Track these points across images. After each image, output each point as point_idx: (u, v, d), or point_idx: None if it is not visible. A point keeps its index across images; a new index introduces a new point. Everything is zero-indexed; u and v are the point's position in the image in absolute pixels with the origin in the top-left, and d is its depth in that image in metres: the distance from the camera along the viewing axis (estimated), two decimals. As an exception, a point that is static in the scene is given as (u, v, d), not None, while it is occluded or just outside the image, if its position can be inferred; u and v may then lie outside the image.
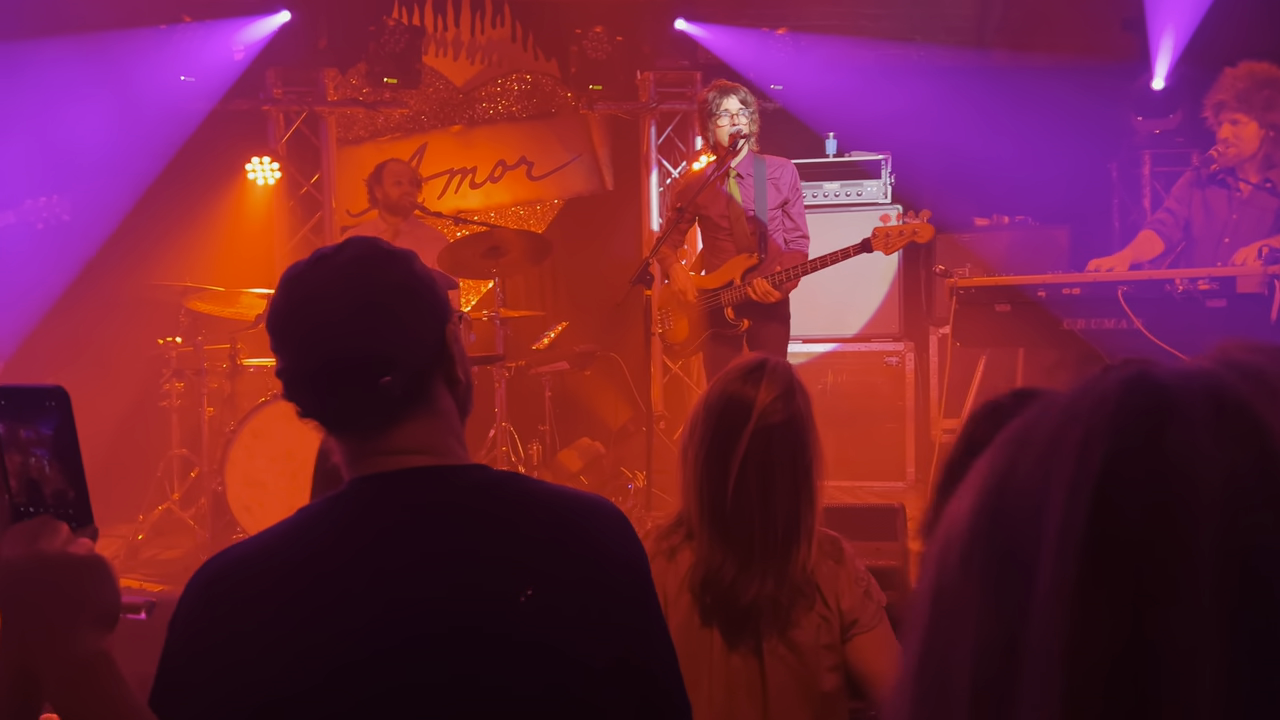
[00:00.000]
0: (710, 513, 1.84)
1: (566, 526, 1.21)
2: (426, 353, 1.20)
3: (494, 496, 1.21)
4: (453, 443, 1.23)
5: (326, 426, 1.22)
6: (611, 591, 1.20)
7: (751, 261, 4.28)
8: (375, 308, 1.17)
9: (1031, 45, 6.70)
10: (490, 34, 6.39)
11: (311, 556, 1.13)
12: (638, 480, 4.92)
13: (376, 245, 1.23)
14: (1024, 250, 5.89)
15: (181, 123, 5.55)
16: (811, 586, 1.84)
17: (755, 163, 4.35)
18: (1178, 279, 3.85)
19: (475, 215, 6.20)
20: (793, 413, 1.85)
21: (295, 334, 1.18)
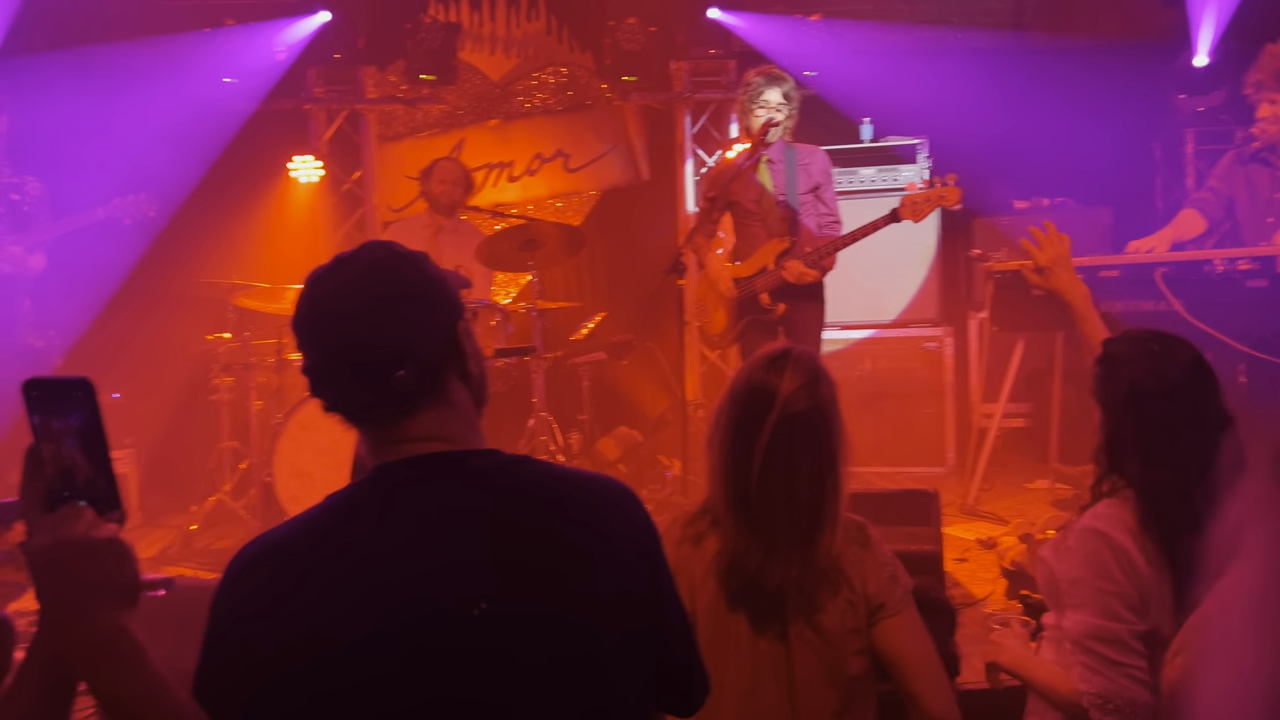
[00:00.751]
0: (735, 500, 1.87)
1: (575, 502, 1.28)
2: (438, 347, 1.28)
3: (506, 476, 1.28)
4: (466, 431, 1.31)
5: (349, 419, 1.29)
6: (620, 562, 1.26)
7: (783, 245, 4.28)
8: (389, 307, 1.25)
9: (1071, 25, 6.60)
10: (525, 28, 6.45)
11: (338, 533, 1.21)
12: (674, 468, 4.96)
13: (390, 249, 1.31)
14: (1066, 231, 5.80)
15: (226, 123, 5.69)
16: (837, 572, 1.87)
17: (786, 149, 4.36)
18: (1217, 259, 3.80)
19: (513, 209, 6.28)
20: (817, 401, 1.87)
21: (316, 333, 1.26)
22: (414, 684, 1.15)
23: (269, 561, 1.21)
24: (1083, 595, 1.91)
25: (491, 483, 1.27)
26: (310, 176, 6.03)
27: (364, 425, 1.29)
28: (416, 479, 1.25)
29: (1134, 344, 2.00)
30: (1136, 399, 1.92)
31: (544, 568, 1.22)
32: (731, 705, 1.87)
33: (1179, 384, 1.91)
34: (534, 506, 1.26)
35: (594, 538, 1.26)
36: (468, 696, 1.16)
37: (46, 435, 1.05)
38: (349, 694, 1.14)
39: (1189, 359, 1.94)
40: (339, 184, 6.30)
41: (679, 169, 6.38)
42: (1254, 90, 3.98)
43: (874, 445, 5.41)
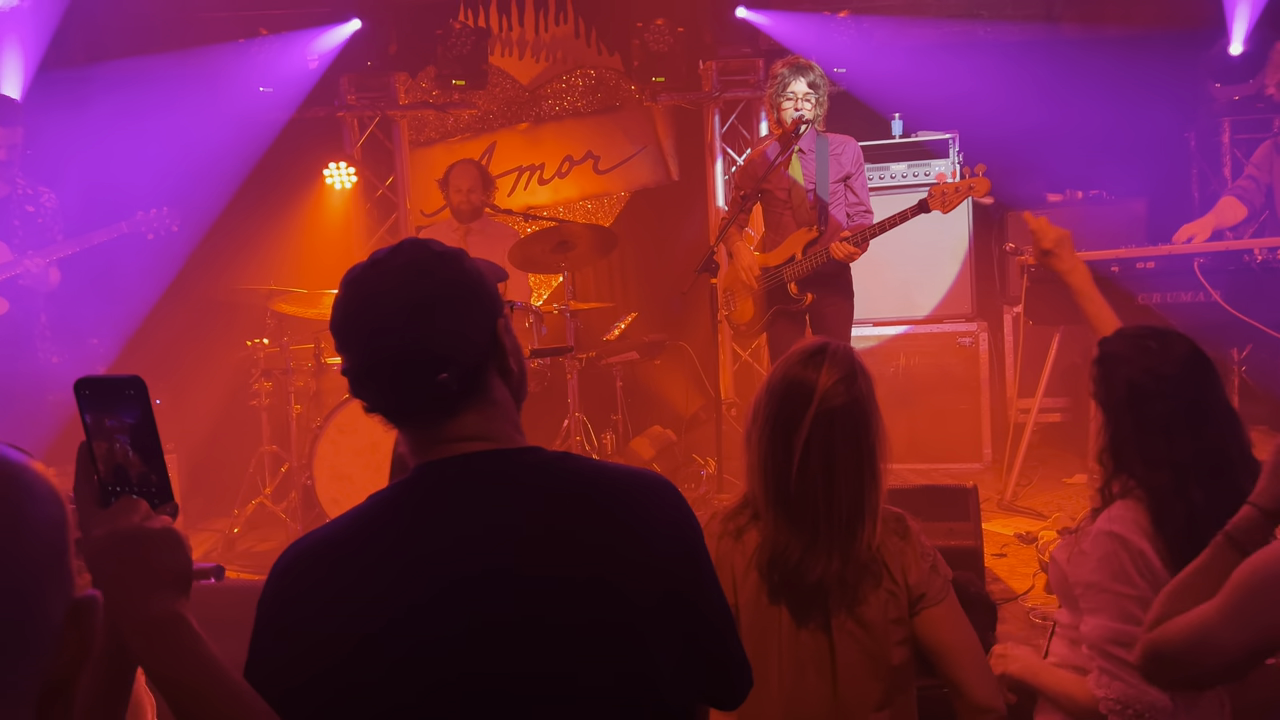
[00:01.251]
0: (775, 494, 1.89)
1: (617, 492, 1.28)
2: (480, 347, 1.27)
3: (549, 472, 1.28)
4: (509, 429, 1.31)
5: (390, 420, 1.29)
6: (659, 546, 1.26)
7: (812, 235, 4.28)
8: (429, 308, 1.24)
9: (1103, 16, 6.54)
10: (554, 31, 6.49)
11: (383, 531, 1.22)
12: (709, 466, 4.98)
13: (428, 247, 1.30)
14: (1100, 224, 5.78)
15: (262, 132, 5.78)
16: (878, 564, 1.87)
17: (818, 139, 4.36)
18: (1256, 248, 3.77)
19: (544, 211, 6.32)
20: (855, 395, 1.88)
21: (356, 335, 1.26)
22: (453, 663, 1.17)
23: (315, 558, 1.22)
24: (1100, 600, 1.89)
25: (534, 479, 1.27)
26: (344, 183, 6.10)
27: (406, 426, 1.29)
28: (460, 477, 1.25)
29: (1130, 343, 1.99)
30: (1135, 399, 1.92)
31: (584, 549, 1.22)
32: (775, 697, 1.89)
33: (1176, 381, 1.90)
34: (577, 499, 1.26)
35: (636, 523, 1.26)
36: (507, 671, 1.17)
37: (99, 433, 1.07)
38: (396, 673, 1.15)
39: (1185, 354, 1.93)
40: (373, 190, 6.37)
41: (709, 168, 6.39)
42: (1277, 87, 3.95)
43: (909, 442, 5.39)
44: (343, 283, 1.29)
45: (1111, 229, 5.72)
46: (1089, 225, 5.80)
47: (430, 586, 1.17)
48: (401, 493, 1.26)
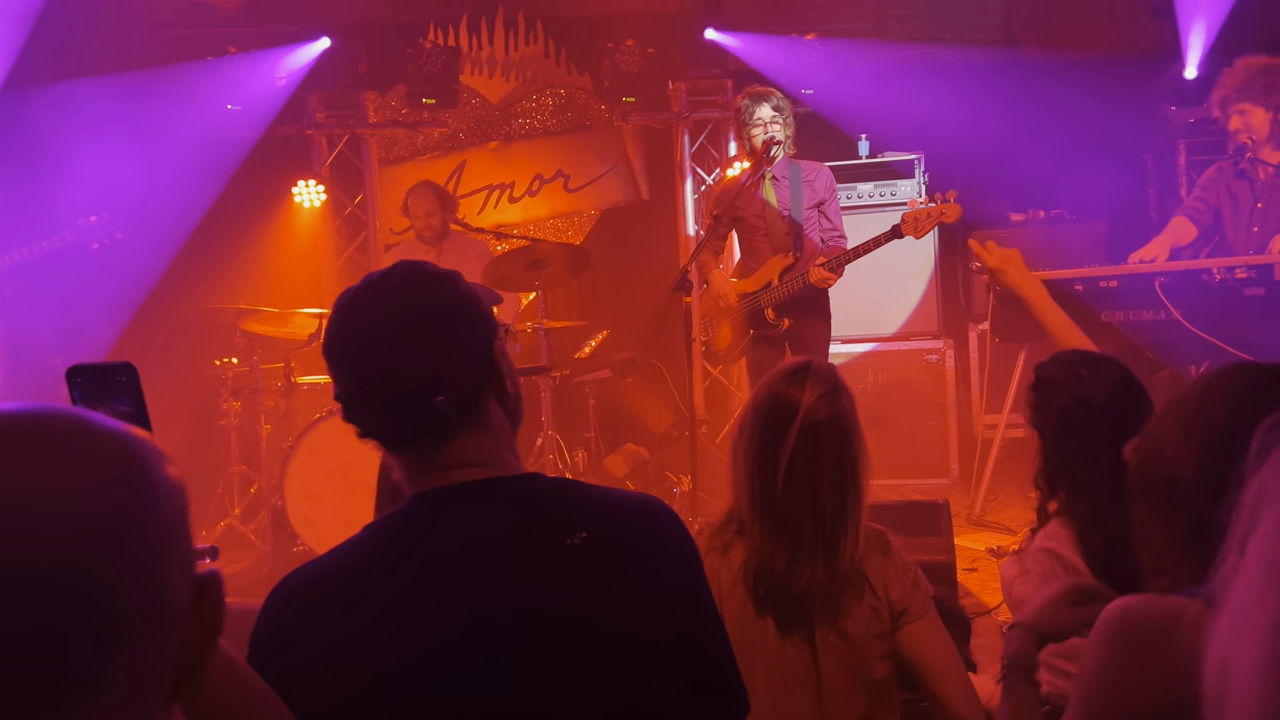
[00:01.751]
0: (761, 506, 1.92)
1: (621, 526, 1.26)
2: (476, 370, 1.25)
3: (549, 501, 1.26)
4: (506, 454, 1.28)
5: (385, 445, 1.26)
6: (663, 580, 1.24)
7: (788, 261, 4.37)
8: (424, 330, 1.22)
9: (1061, 39, 6.71)
10: (524, 51, 6.53)
11: (380, 563, 1.19)
12: (683, 484, 5.00)
13: (422, 269, 1.28)
14: (1061, 244, 5.91)
15: (231, 150, 5.75)
16: (859, 577, 1.91)
17: (790, 166, 4.44)
18: (1215, 268, 3.87)
19: (514, 229, 6.34)
20: (837, 411, 1.93)
21: (349, 359, 1.24)
22: (462, 704, 1.14)
23: (311, 591, 1.20)
24: None
25: (532, 509, 1.24)
26: (313, 201, 6.08)
27: (401, 451, 1.26)
28: (457, 508, 1.23)
29: (1063, 369, 2.05)
30: (1065, 426, 1.99)
31: (588, 586, 1.20)
32: (761, 711, 1.91)
33: (1104, 408, 1.95)
34: (575, 529, 1.23)
35: (637, 557, 1.24)
36: (515, 711, 1.15)
37: None
38: (402, 714, 1.13)
39: (1115, 381, 1.99)
40: (342, 208, 6.35)
41: (678, 188, 6.45)
42: (1221, 108, 4.12)
43: (878, 458, 5.32)
44: (336, 305, 1.27)
45: (1073, 247, 5.85)
46: (1051, 244, 5.93)
47: (435, 626, 1.15)
48: (399, 524, 1.23)
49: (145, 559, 0.65)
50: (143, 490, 0.66)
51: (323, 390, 5.24)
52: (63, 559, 0.61)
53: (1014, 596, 2.07)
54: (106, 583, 0.63)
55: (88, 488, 0.63)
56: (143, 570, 0.65)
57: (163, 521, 0.67)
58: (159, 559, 0.66)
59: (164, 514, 0.67)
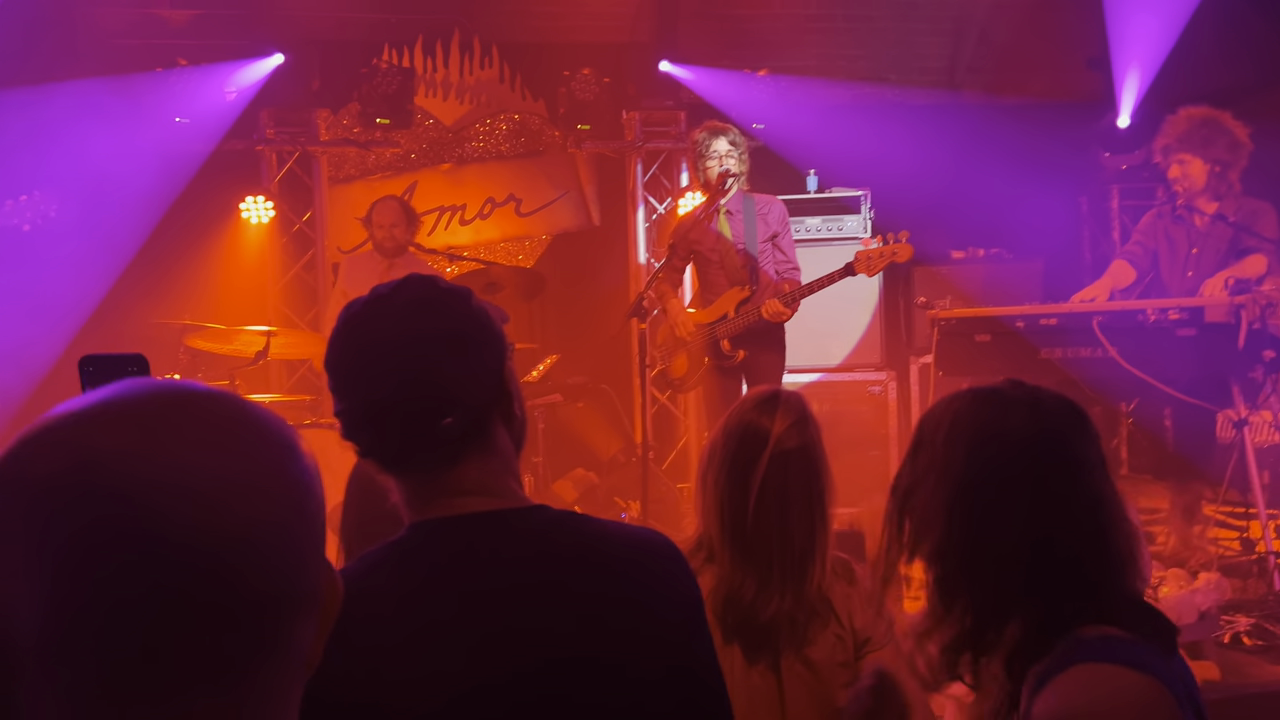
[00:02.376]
0: (731, 534, 1.95)
1: (625, 563, 1.22)
2: (486, 392, 1.22)
3: (557, 536, 1.22)
4: (510, 482, 1.24)
5: (385, 466, 1.22)
6: (671, 618, 1.22)
7: (744, 294, 4.45)
8: (435, 349, 1.19)
9: (1002, 85, 6.95)
10: (479, 75, 6.55)
11: (375, 601, 1.13)
12: (631, 510, 5.02)
13: (434, 285, 1.24)
14: (999, 281, 6.09)
15: (178, 164, 5.66)
16: (826, 605, 1.96)
17: (745, 200, 4.52)
18: (1149, 309, 4.04)
19: (465, 251, 6.33)
20: (806, 440, 1.98)
21: (355, 377, 1.19)
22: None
23: None
24: None
25: (540, 545, 1.20)
26: (261, 217, 6.01)
27: (402, 473, 1.22)
28: (461, 542, 1.18)
29: None
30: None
31: (596, 623, 1.17)
32: (728, 737, 1.94)
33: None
34: (585, 569, 1.20)
35: (646, 594, 1.21)
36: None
37: None
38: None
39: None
40: (290, 225, 6.28)
41: (630, 216, 6.51)
42: (1162, 155, 4.30)
43: None
44: (341, 321, 1.23)
45: (1011, 286, 6.03)
46: (990, 282, 6.11)
47: (442, 663, 1.12)
48: (403, 556, 1.19)
49: (313, 538, 0.67)
50: (309, 471, 0.68)
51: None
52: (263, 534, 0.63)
53: None
54: (292, 560, 0.65)
55: (276, 469, 0.65)
56: (311, 549, 0.67)
57: (319, 503, 0.69)
58: (320, 538, 0.68)
59: (319, 495, 0.69)
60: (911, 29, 6.98)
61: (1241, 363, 3.86)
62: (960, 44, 6.98)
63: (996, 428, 1.37)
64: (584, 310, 6.44)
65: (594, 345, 6.29)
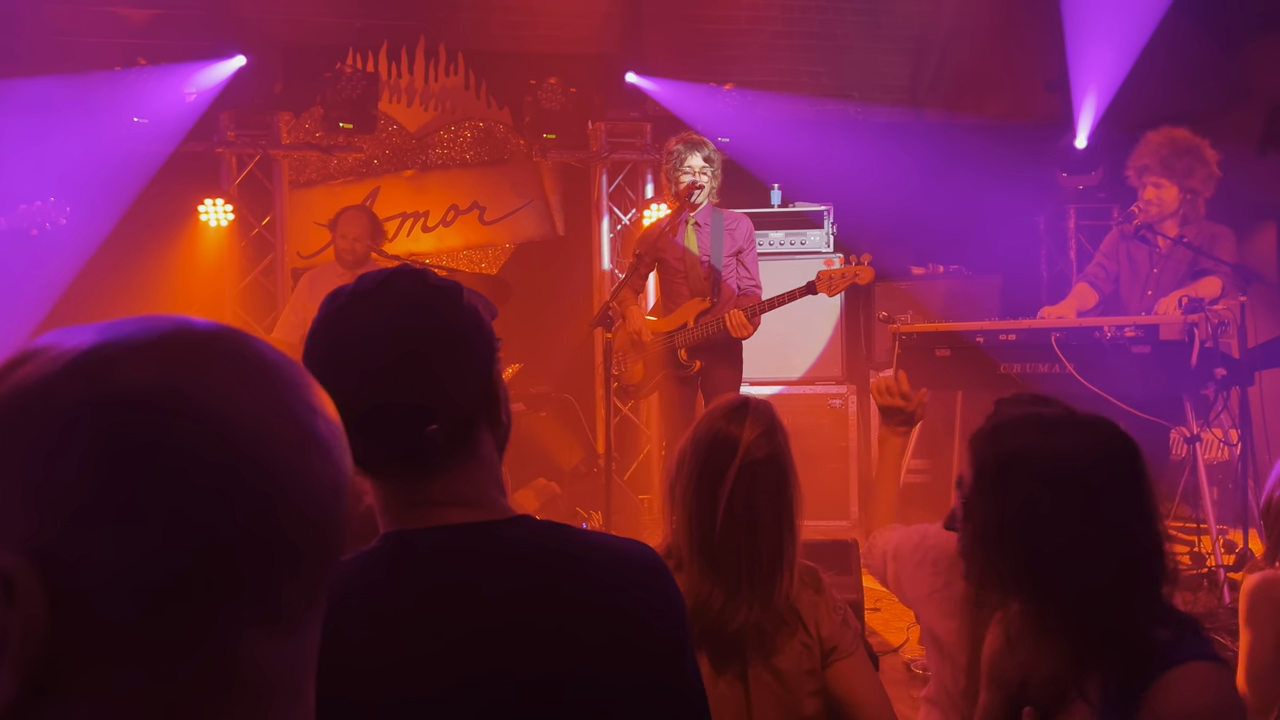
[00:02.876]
0: (700, 544, 1.94)
1: (609, 576, 1.18)
2: (474, 398, 1.16)
3: (538, 549, 1.17)
4: (494, 492, 1.19)
5: (364, 470, 1.16)
6: (654, 633, 1.18)
7: (704, 305, 4.51)
8: (423, 352, 1.13)
9: (962, 104, 7.07)
10: (444, 82, 6.52)
11: (347, 613, 1.08)
12: (593, 520, 5.00)
13: (424, 281, 1.17)
14: (958, 297, 6.18)
15: (135, 165, 5.57)
16: (793, 614, 1.96)
17: (714, 214, 4.59)
18: (1106, 326, 4.11)
19: (427, 258, 6.29)
20: (775, 449, 1.98)
21: (335, 376, 1.08)
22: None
23: None
24: None
25: (521, 560, 1.15)
26: (220, 220, 5.92)
27: (381, 478, 1.17)
28: (440, 556, 1.13)
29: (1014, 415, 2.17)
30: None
31: (576, 639, 1.12)
32: (695, 746, 1.93)
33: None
34: (563, 581, 1.15)
35: (628, 608, 1.17)
36: None
37: None
38: None
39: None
40: (249, 229, 6.20)
41: (595, 226, 6.51)
42: (1136, 174, 4.35)
43: None
44: (323, 314, 1.17)
45: (970, 301, 6.12)
46: (949, 298, 6.19)
47: (416, 679, 1.08)
48: (378, 566, 1.13)
49: (349, 495, 0.67)
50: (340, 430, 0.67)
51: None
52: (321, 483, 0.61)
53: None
54: (338, 514, 0.64)
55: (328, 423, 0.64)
56: (346, 507, 0.66)
57: (349, 466, 0.68)
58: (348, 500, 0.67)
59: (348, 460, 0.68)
60: (874, 48, 7.08)
61: (1194, 380, 3.95)
62: (922, 63, 7.09)
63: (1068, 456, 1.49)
64: (547, 320, 6.42)
65: (557, 355, 6.28)
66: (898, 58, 7.12)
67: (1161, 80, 6.02)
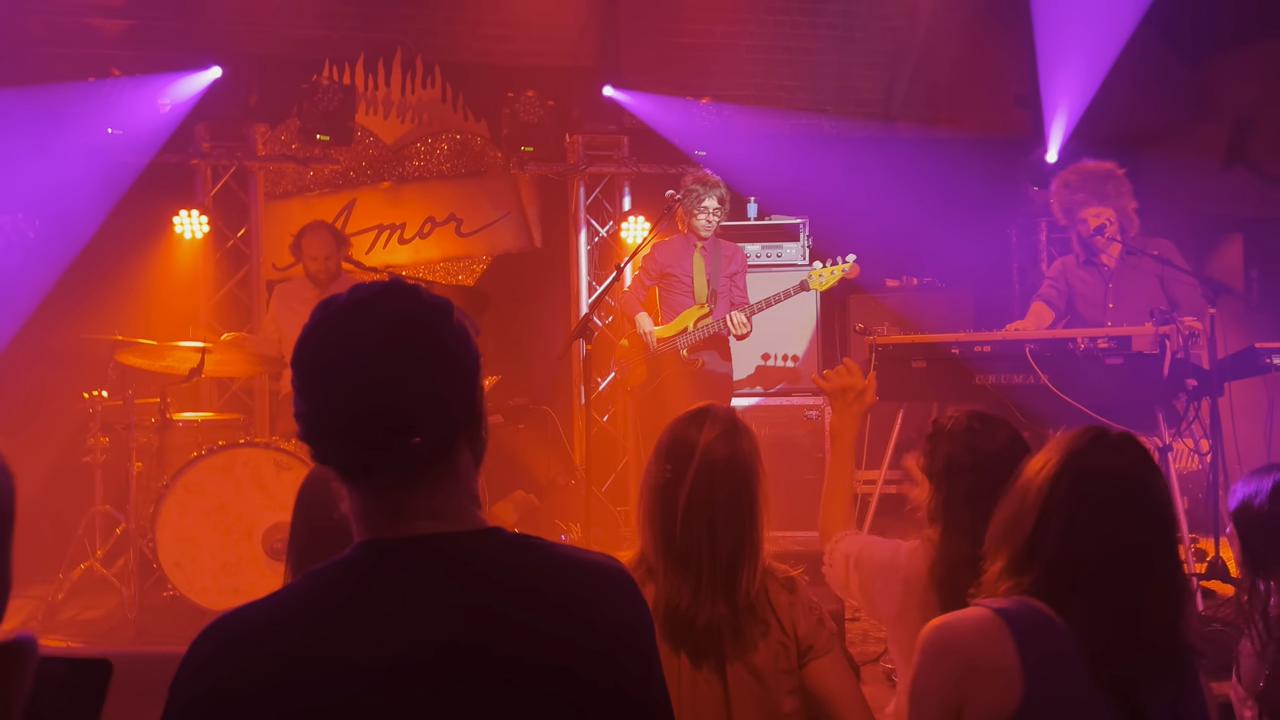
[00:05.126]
0: (664, 544, 2.00)
1: (576, 590, 1.19)
2: (458, 414, 1.18)
3: (505, 563, 1.18)
4: (469, 505, 1.21)
5: (343, 477, 1.18)
6: (618, 647, 1.18)
7: (703, 313, 5.03)
8: (414, 366, 1.14)
9: (934, 119, 7.15)
10: (420, 94, 6.52)
11: (321, 622, 1.10)
12: (572, 532, 5.00)
13: (418, 297, 1.19)
14: (933, 309, 6.25)
15: (110, 175, 5.53)
16: (766, 611, 1.99)
17: (715, 242, 5.20)
18: (1080, 338, 4.17)
19: (404, 270, 6.28)
20: (734, 450, 2.02)
21: (325, 384, 1.14)
22: None
23: (239, 640, 1.10)
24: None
25: (491, 571, 1.16)
26: (195, 232, 5.89)
27: (359, 487, 1.18)
28: (412, 566, 1.14)
29: (956, 421, 2.22)
30: (951, 472, 2.15)
31: (542, 652, 1.13)
32: (676, 747, 1.95)
33: (992, 459, 2.11)
34: (531, 593, 1.16)
35: (593, 622, 1.18)
36: None
37: None
38: None
39: (1005, 438, 2.17)
40: (224, 240, 6.16)
41: (572, 238, 6.53)
42: (1065, 213, 4.65)
43: None
44: (315, 321, 1.17)
45: (943, 313, 6.19)
46: (923, 309, 6.26)
47: (383, 689, 1.08)
48: (350, 576, 1.14)
49: None
50: None
51: (200, 428, 5.04)
52: None
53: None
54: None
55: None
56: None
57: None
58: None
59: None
60: (848, 62, 7.15)
61: (1166, 391, 4.00)
62: (895, 78, 7.17)
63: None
64: (525, 332, 6.42)
65: (535, 367, 6.28)
66: (871, 72, 7.19)
67: (1129, 95, 6.13)
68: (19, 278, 4.20)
